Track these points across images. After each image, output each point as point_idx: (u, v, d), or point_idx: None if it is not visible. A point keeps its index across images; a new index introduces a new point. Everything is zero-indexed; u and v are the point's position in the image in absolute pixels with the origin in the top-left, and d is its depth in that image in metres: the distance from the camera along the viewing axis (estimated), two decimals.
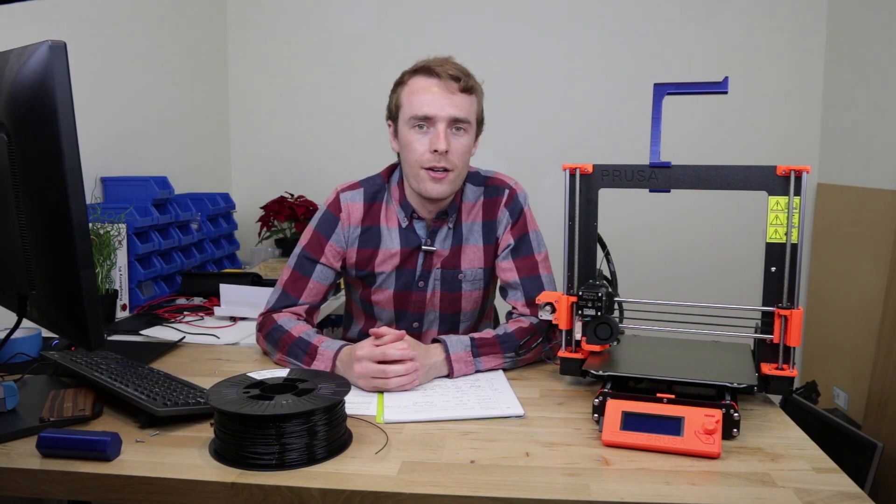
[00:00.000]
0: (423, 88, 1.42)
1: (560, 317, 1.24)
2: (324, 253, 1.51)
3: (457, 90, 1.41)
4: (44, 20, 1.90)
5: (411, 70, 1.46)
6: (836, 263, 2.80)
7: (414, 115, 1.42)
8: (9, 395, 1.10)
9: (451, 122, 1.42)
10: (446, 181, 1.43)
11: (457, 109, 1.41)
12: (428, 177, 1.43)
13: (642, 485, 0.91)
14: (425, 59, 1.46)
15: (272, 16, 3.18)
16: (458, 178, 1.46)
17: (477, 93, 1.47)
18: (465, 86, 1.42)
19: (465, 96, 1.43)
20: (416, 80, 1.44)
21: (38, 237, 1.02)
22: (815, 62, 2.96)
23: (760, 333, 1.19)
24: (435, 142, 1.40)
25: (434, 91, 1.41)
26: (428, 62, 1.45)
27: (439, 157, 1.41)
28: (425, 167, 1.42)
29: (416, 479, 0.92)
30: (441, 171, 1.42)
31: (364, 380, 1.25)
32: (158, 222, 2.10)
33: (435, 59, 1.45)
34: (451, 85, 1.41)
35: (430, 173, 1.42)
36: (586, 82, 3.07)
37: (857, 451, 2.16)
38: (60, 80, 0.92)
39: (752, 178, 1.16)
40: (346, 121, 3.16)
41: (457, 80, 1.41)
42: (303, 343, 1.36)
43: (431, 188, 1.44)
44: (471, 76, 1.45)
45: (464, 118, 1.42)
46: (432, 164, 1.41)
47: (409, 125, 1.43)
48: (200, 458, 0.98)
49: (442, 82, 1.41)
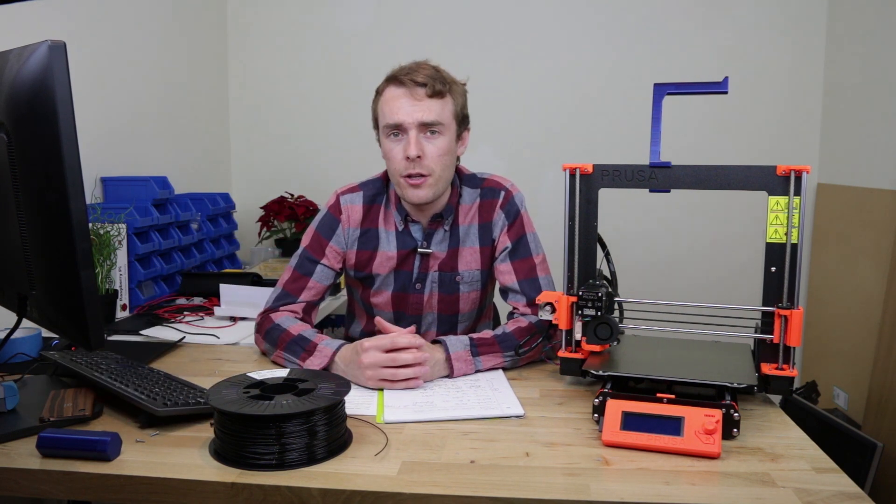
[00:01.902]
0: (392, 97, 1.44)
1: (560, 317, 1.24)
2: (325, 254, 1.53)
3: (424, 96, 1.42)
4: (44, 20, 1.90)
5: (384, 80, 1.48)
6: (836, 263, 2.80)
7: (386, 125, 1.45)
8: (9, 395, 1.10)
9: (422, 127, 1.43)
10: (425, 186, 1.44)
11: (425, 114, 1.42)
12: (407, 184, 1.45)
13: (642, 485, 0.91)
14: (398, 67, 1.47)
15: (272, 15, 3.18)
16: (438, 181, 1.46)
17: (452, 93, 1.46)
18: (433, 91, 1.42)
19: (435, 100, 1.43)
20: (388, 89, 1.46)
21: (38, 237, 1.02)
22: (815, 62, 2.96)
23: (760, 333, 1.19)
24: (406, 148, 1.42)
25: (402, 99, 1.43)
26: (396, 71, 1.46)
27: (413, 164, 1.42)
28: (403, 175, 1.44)
29: (416, 479, 0.92)
30: (418, 178, 1.43)
31: (372, 370, 1.25)
32: (158, 222, 2.10)
33: (403, 68, 1.46)
34: (418, 91, 1.42)
35: (408, 180, 1.44)
36: (586, 82, 3.08)
37: (857, 451, 2.16)
38: (60, 80, 0.92)
39: (752, 178, 1.16)
40: (347, 121, 3.16)
41: (423, 86, 1.42)
42: (302, 340, 1.36)
43: (412, 194, 1.45)
44: (439, 80, 1.44)
45: (433, 121, 1.43)
46: (408, 171, 1.43)
47: (385, 134, 1.46)
48: (200, 458, 0.98)
49: (408, 90, 1.42)
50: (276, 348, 1.40)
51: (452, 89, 1.47)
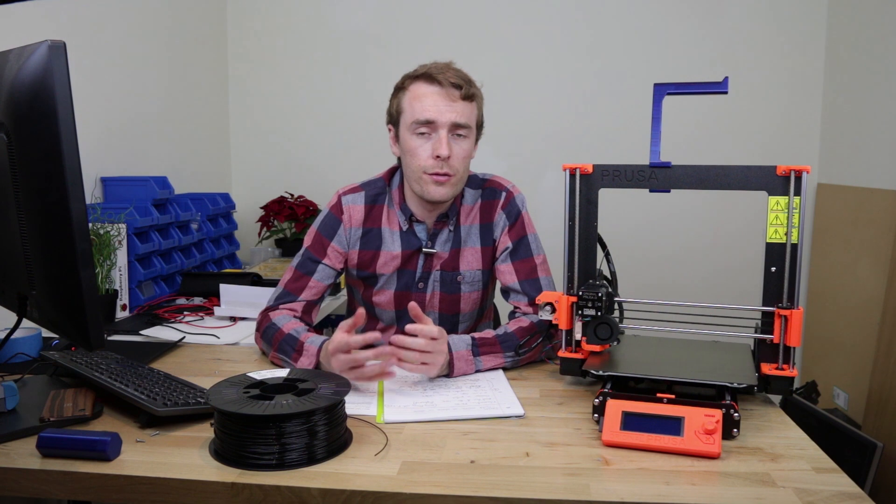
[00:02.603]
0: (425, 94, 1.43)
1: (560, 317, 1.24)
2: (326, 254, 1.53)
3: (458, 97, 1.43)
4: (44, 20, 1.90)
5: (413, 75, 1.47)
6: (836, 263, 2.80)
7: (416, 120, 1.43)
8: (9, 395, 1.10)
9: (453, 128, 1.43)
10: (448, 184, 1.45)
11: (458, 115, 1.43)
12: (431, 180, 1.44)
13: (642, 485, 0.91)
14: (426, 64, 1.47)
15: (272, 15, 3.18)
16: (459, 182, 1.48)
17: (477, 99, 1.49)
18: (467, 93, 1.43)
19: (467, 103, 1.44)
20: (417, 85, 1.45)
21: (38, 237, 1.02)
22: (815, 62, 2.96)
23: (760, 333, 1.19)
24: (437, 147, 1.42)
25: (436, 97, 1.42)
26: (429, 68, 1.45)
27: (442, 163, 1.43)
28: (428, 172, 1.44)
29: (416, 479, 0.92)
30: (443, 176, 1.44)
31: (345, 373, 1.24)
32: (158, 222, 2.10)
33: (436, 65, 1.46)
34: (453, 92, 1.43)
35: (434, 177, 1.44)
36: (586, 82, 3.08)
37: (857, 451, 2.16)
38: (60, 80, 0.92)
39: (752, 178, 1.16)
40: (347, 121, 3.16)
41: (458, 88, 1.43)
42: (291, 340, 1.37)
43: (434, 191, 1.45)
44: (471, 83, 1.46)
45: (465, 123, 1.44)
46: (435, 169, 1.43)
47: (411, 130, 1.45)
48: (200, 458, 0.98)
49: (444, 90, 1.43)
50: (271, 348, 1.41)
51: (478, 95, 1.49)
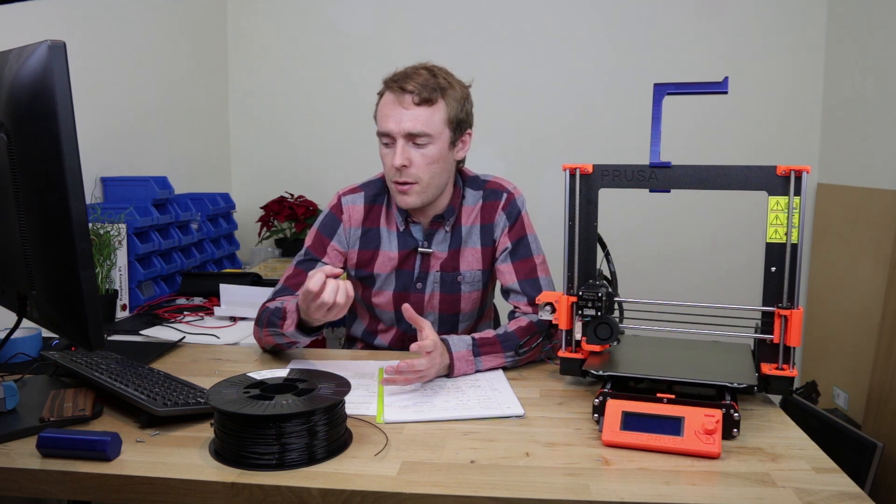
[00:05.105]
0: (385, 104, 1.45)
1: (560, 317, 1.24)
2: (326, 252, 1.54)
3: (412, 104, 1.41)
4: (44, 20, 1.90)
5: (385, 81, 1.47)
6: (836, 263, 2.80)
7: (378, 132, 1.46)
8: (9, 395, 1.10)
9: (409, 137, 1.42)
10: (413, 193, 1.45)
11: (412, 124, 1.41)
12: (397, 190, 1.46)
13: (642, 485, 0.91)
14: (399, 69, 1.46)
15: (272, 16, 3.18)
16: (426, 188, 1.46)
17: (446, 98, 1.43)
18: (420, 99, 1.41)
19: (423, 108, 1.41)
20: (385, 94, 1.46)
21: (38, 237, 1.02)
22: (815, 62, 2.96)
23: (760, 333, 1.19)
24: (393, 158, 1.43)
25: (392, 107, 1.43)
26: (394, 75, 1.45)
27: (399, 171, 1.43)
28: (392, 181, 1.46)
29: (416, 479, 0.92)
30: (405, 185, 1.44)
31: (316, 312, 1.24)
32: (158, 222, 2.10)
33: (397, 73, 1.45)
34: (406, 99, 1.41)
35: (398, 186, 1.45)
36: (586, 82, 3.08)
37: (857, 451, 2.16)
38: (60, 80, 0.92)
39: (752, 178, 1.16)
40: (347, 121, 3.16)
41: (411, 94, 1.41)
42: (277, 311, 1.38)
43: (401, 200, 1.47)
44: (430, 86, 1.41)
45: (420, 132, 1.41)
46: (396, 178, 1.44)
47: (380, 140, 1.47)
48: (200, 458, 0.98)
49: (397, 97, 1.42)
50: (262, 328, 1.43)
51: (446, 94, 1.43)
